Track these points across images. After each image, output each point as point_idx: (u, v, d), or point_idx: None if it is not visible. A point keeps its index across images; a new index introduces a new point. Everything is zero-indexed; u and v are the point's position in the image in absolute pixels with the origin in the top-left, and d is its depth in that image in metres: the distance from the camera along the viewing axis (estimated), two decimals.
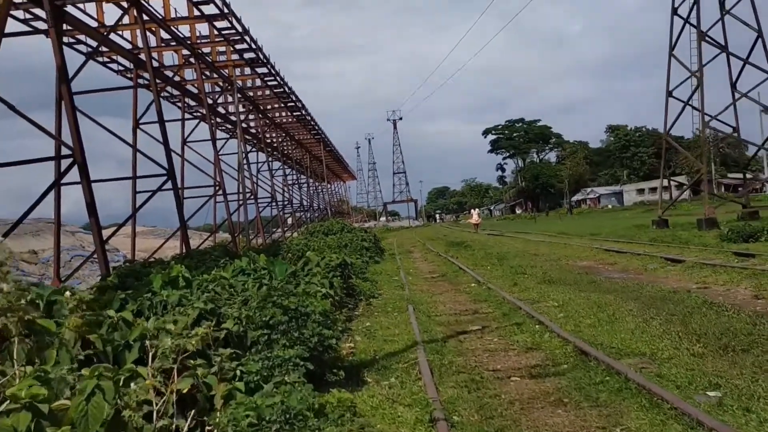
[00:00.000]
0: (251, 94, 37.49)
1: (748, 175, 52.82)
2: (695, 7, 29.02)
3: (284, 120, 49.33)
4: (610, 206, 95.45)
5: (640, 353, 6.15)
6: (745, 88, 29.43)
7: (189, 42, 22.99)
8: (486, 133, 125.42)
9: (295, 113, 47.08)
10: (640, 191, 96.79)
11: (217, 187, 25.10)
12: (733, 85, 29.89)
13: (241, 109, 37.19)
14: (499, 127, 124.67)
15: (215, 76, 29.28)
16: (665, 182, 36.33)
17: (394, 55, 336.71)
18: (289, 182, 57.96)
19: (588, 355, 5.92)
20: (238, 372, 4.53)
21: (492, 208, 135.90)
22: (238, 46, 25.87)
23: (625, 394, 5.10)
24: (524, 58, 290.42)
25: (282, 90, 39.67)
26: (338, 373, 5.63)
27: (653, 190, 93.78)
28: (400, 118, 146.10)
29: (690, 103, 29.85)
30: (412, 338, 7.51)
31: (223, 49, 26.94)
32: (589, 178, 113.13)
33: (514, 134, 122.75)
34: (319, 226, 25.78)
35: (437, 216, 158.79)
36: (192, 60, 24.56)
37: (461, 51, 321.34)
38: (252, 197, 32.67)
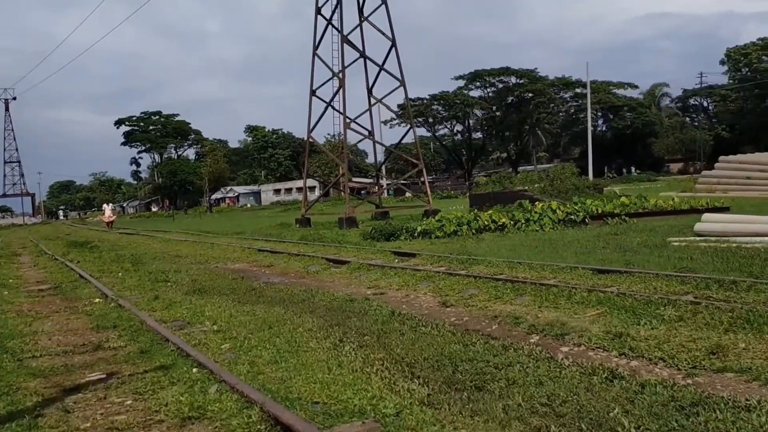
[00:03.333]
0: None
1: (372, 181, 58.18)
2: (338, 9, 29.51)
3: None
4: (249, 205, 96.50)
5: (358, 410, 4.10)
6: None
7: None
8: (119, 123, 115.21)
9: None
10: (277, 191, 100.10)
11: None
12: (369, 90, 31.37)
13: None
14: (134, 118, 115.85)
15: None
16: (307, 182, 36.49)
17: (10, 30, 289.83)
18: None
19: (290, 429, 3.61)
20: None
21: (125, 205, 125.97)
22: None
23: None
24: (161, 51, 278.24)
25: None
26: None
27: (288, 190, 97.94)
28: (14, 98, 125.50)
29: (332, 104, 30.36)
30: None
31: None
32: (229, 176, 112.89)
33: (151, 127, 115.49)
34: None
35: (60, 212, 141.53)
36: None
37: (90, 36, 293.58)
38: None
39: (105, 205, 48.22)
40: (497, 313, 6.95)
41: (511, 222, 19.18)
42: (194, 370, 5.12)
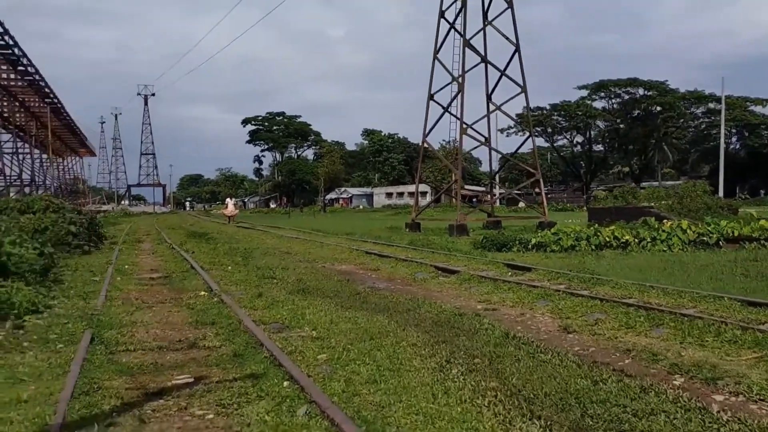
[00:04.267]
0: None
1: (487, 189, 56.87)
2: (461, 13, 28.82)
3: (15, 85, 41.42)
4: (361, 207, 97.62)
5: None
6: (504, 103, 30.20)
7: None
8: (246, 122, 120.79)
9: (26, 78, 39.55)
10: (389, 195, 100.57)
11: None
12: (489, 96, 30.44)
13: None
14: (260, 118, 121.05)
15: None
16: (418, 187, 36.05)
17: (151, 29, 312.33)
18: (16, 154, 48.65)
19: None
20: None
21: (246, 200, 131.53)
22: None
23: None
24: (288, 55, 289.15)
25: (10, 52, 32.82)
26: None
27: (400, 194, 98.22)
28: (153, 94, 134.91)
29: (449, 109, 29.73)
30: (48, 414, 4.03)
31: None
32: (344, 178, 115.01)
33: (274, 127, 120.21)
34: (13, 202, 20.01)
35: (187, 204, 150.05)
36: None
37: (222, 39, 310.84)
38: None
39: (228, 199, 48.83)
40: (630, 346, 6.00)
41: (636, 240, 17.81)
42: (285, 383, 4.62)
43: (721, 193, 50.74)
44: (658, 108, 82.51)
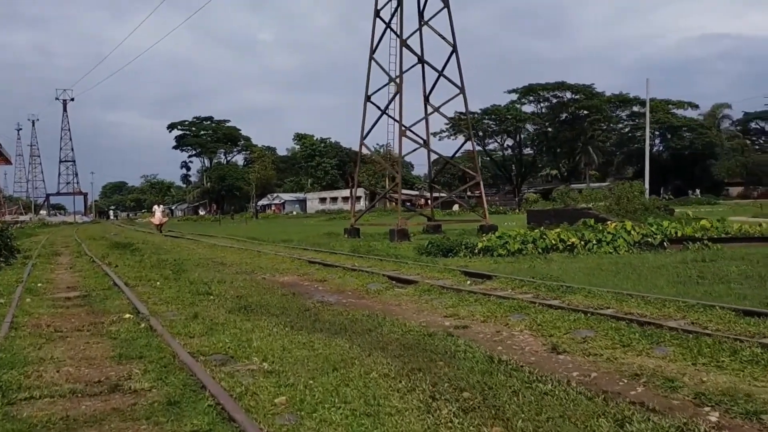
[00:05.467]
0: None
1: (424, 192, 56.72)
2: (397, 13, 28.15)
3: None
4: (294, 213, 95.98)
5: None
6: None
7: None
8: (172, 127, 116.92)
9: None
10: (323, 200, 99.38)
11: None
12: (426, 98, 29.85)
13: None
14: (186, 122, 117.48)
15: None
16: (361, 191, 35.13)
17: (70, 33, 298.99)
18: None
19: None
20: None
21: (174, 207, 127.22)
22: None
23: None
24: (215, 58, 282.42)
25: None
26: None
27: (334, 199, 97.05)
28: (72, 99, 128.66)
29: (386, 111, 28.98)
30: None
31: None
32: (276, 183, 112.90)
33: (202, 132, 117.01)
34: None
35: (111, 213, 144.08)
36: None
37: (146, 42, 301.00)
38: None
39: (155, 207, 43.96)
40: (636, 369, 5.21)
41: (581, 242, 17.52)
42: None
43: (646, 194, 52.18)
44: (585, 111, 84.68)
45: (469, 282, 10.93)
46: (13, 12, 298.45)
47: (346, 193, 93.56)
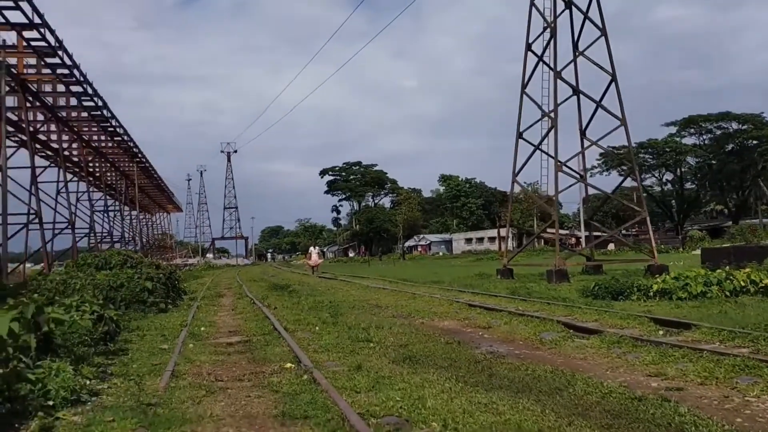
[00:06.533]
0: (64, 114, 31.78)
1: (575, 231, 53.94)
2: (550, 45, 26.95)
3: (105, 146, 43.22)
4: (440, 253, 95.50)
5: None
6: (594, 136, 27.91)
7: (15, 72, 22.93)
8: (323, 173, 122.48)
9: (116, 138, 41.00)
10: (468, 240, 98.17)
11: (32, 216, 25.12)
12: (583, 131, 28.17)
13: (63, 137, 34.14)
14: (337, 168, 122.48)
15: (37, 104, 28.25)
16: (504, 231, 33.84)
17: (232, 90, 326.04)
18: (109, 212, 50.07)
19: None
20: None
21: (326, 249, 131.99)
22: (49, 60, 24.38)
23: None
24: (362, 107, 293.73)
25: (100, 113, 33.91)
26: None
27: (480, 239, 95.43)
28: (235, 151, 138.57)
29: (540, 147, 27.66)
30: None
31: (33, 61, 25.27)
32: (422, 224, 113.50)
33: (351, 177, 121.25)
34: (91, 258, 19.21)
35: (269, 255, 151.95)
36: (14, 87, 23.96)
37: (298, 95, 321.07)
38: (69, 227, 31.02)
39: (311, 248, 42.92)
40: None
41: None
42: None
43: None
44: (755, 141, 77.21)
45: (661, 332, 9.41)
46: (183, 74, 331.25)
47: (492, 233, 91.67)
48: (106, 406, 5.55)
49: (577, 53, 27.23)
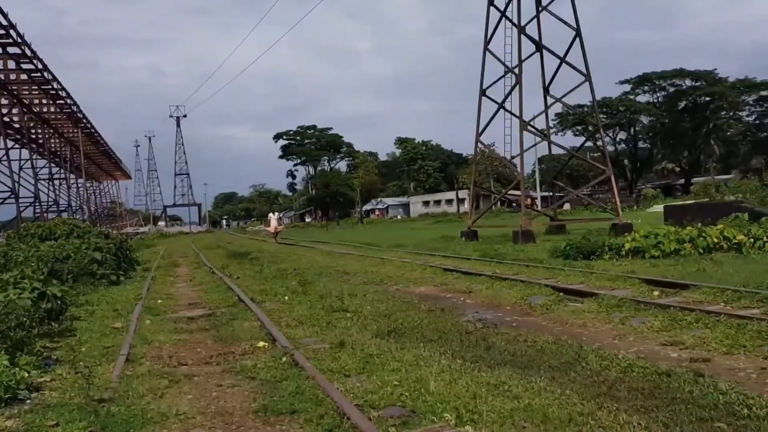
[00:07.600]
0: (2, 77, 29.63)
1: (530, 192, 53.97)
2: (512, 0, 26.08)
3: (48, 111, 41.01)
4: (398, 217, 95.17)
5: None
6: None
7: None
8: (277, 137, 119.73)
9: (58, 102, 38.71)
10: (426, 203, 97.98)
11: None
12: (546, 88, 27.62)
13: (2, 101, 32.73)
14: (291, 132, 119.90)
15: None
16: (467, 193, 33.35)
17: (181, 53, 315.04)
18: (54, 180, 47.63)
19: None
20: None
21: (282, 215, 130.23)
22: None
23: None
24: (315, 70, 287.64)
25: (40, 76, 31.74)
26: None
27: (438, 202, 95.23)
28: (185, 116, 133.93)
29: (503, 105, 27.02)
30: None
31: None
32: (379, 188, 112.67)
33: (306, 141, 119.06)
34: (34, 228, 17.79)
35: (223, 222, 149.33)
36: None
37: (249, 58, 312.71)
38: (12, 197, 30.30)
39: (270, 215, 40.97)
40: None
41: (750, 240, 15.14)
42: None
43: None
44: (707, 98, 78.37)
45: (656, 293, 8.88)
46: (128, 37, 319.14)
47: (449, 195, 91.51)
48: (48, 405, 4.58)
49: (540, 8, 26.48)
